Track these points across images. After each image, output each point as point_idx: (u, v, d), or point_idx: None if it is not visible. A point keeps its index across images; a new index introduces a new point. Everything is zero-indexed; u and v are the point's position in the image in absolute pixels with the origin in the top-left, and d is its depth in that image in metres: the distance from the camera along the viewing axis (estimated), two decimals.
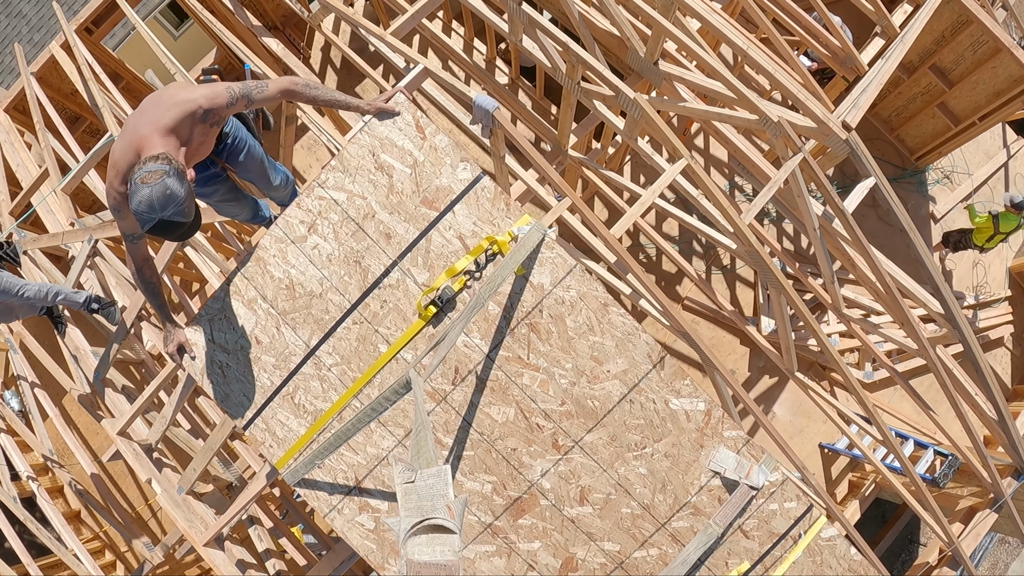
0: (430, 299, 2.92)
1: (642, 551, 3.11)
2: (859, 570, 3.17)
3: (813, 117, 4.29)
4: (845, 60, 5.98)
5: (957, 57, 6.82)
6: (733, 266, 8.01)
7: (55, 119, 6.11)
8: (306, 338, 3.03)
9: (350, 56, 5.83)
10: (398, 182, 2.92)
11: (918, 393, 5.33)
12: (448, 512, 1.97)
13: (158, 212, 2.21)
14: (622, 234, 4.33)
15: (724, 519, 3.02)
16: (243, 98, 2.61)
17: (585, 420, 3.01)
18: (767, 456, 3.03)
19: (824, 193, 4.32)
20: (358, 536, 3.16)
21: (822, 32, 5.87)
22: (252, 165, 3.26)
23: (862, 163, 4.40)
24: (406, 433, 3.07)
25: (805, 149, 4.23)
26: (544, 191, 4.60)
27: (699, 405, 2.99)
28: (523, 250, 2.78)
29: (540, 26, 4.45)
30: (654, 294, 4.13)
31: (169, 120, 2.41)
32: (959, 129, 7.61)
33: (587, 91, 4.71)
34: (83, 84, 6.08)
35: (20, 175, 6.16)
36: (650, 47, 4.53)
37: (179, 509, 4.21)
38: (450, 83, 4.87)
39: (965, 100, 7.27)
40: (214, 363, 3.11)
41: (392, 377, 3.01)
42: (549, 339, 2.96)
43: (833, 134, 4.28)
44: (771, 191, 4.19)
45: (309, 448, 3.10)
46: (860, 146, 4.35)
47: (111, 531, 7.54)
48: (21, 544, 5.90)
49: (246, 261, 3.04)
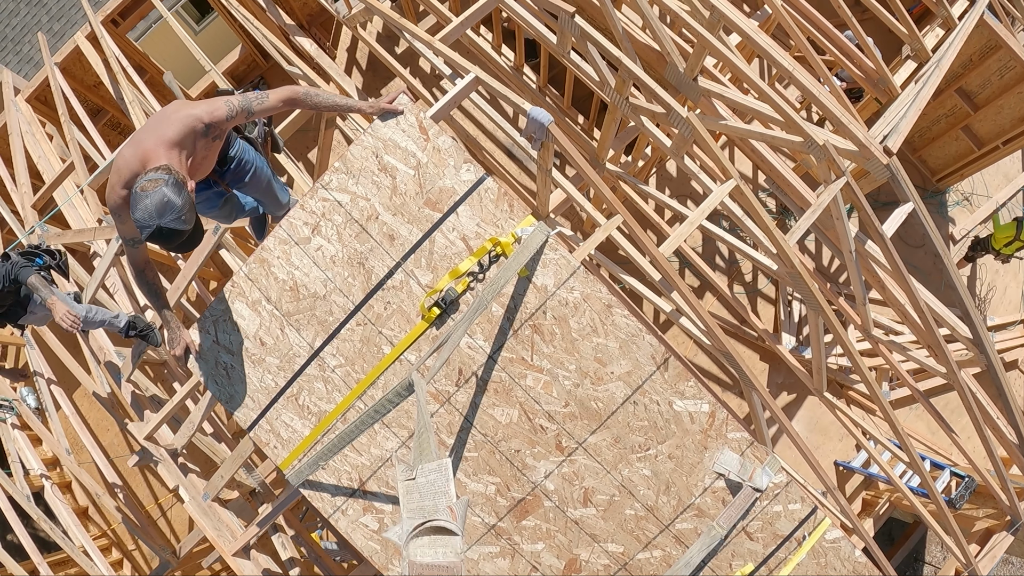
0: (434, 300, 2.92)
1: (646, 553, 3.11)
2: (863, 572, 3.16)
3: (855, 141, 4.28)
4: (878, 82, 5.98)
5: (984, 81, 6.86)
6: (755, 283, 8.07)
7: (79, 111, 6.05)
8: (310, 339, 3.04)
9: (388, 61, 5.78)
10: (401, 183, 2.93)
11: (941, 415, 5.34)
12: (450, 513, 1.97)
13: (156, 219, 2.29)
14: (670, 253, 4.32)
15: (728, 521, 3.01)
16: (243, 111, 2.67)
17: (589, 421, 3.01)
18: (771, 458, 3.02)
19: (864, 218, 4.32)
20: (362, 537, 3.16)
21: (856, 52, 5.88)
22: (258, 185, 3.29)
23: (901, 188, 4.41)
24: (410, 434, 3.07)
25: (848, 173, 4.23)
26: (590, 206, 4.55)
27: (703, 407, 2.98)
28: (526, 251, 2.79)
29: (593, 40, 4.37)
30: (699, 314, 4.11)
31: (173, 134, 2.51)
32: (982, 152, 7.60)
33: (635, 107, 4.68)
34: (109, 77, 6.04)
35: (42, 167, 6.08)
36: (691, 63, 4.49)
37: (207, 517, 4.20)
38: (503, 93, 4.72)
39: (989, 124, 7.28)
40: (219, 364, 3.13)
41: (396, 378, 3.02)
42: (553, 340, 2.95)
43: (875, 158, 4.28)
44: (815, 214, 4.18)
45: (313, 449, 3.11)
46: (900, 171, 4.35)
47: (119, 528, 7.55)
48: (31, 541, 5.90)
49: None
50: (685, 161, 4.77)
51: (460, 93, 3.17)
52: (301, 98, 2.78)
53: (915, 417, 7.63)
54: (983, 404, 4.96)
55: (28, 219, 5.82)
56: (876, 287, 4.94)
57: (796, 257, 4.24)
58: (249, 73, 8.75)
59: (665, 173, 8.16)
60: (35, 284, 3.87)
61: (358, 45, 7.88)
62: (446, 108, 3.14)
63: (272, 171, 3.40)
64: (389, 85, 8.18)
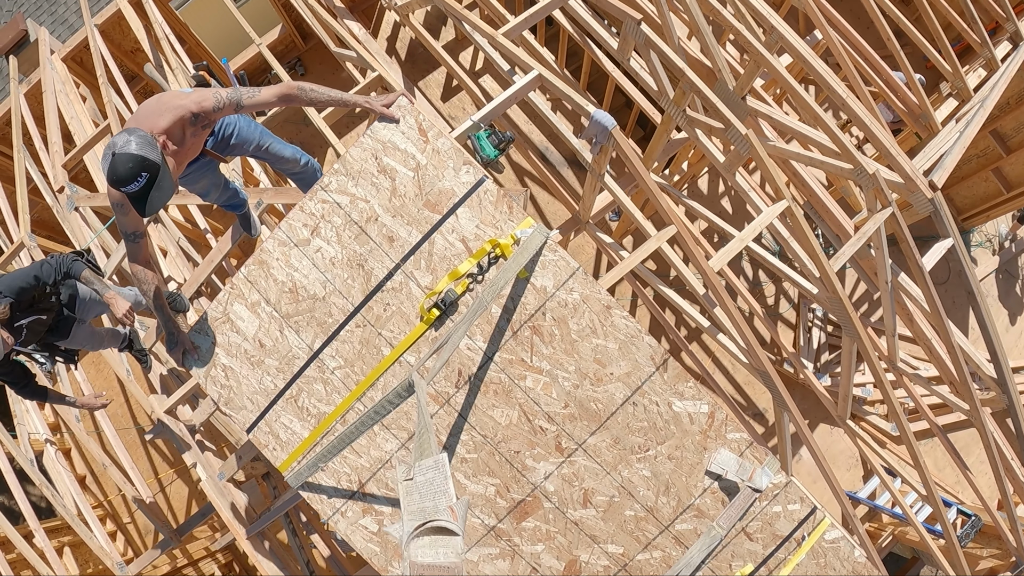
0: (433, 302, 2.93)
1: (645, 554, 3.11)
2: (863, 572, 3.16)
3: (902, 173, 4.33)
4: (920, 117, 6.04)
5: (1019, 125, 6.90)
6: (776, 307, 8.06)
7: (116, 75, 5.97)
8: (309, 341, 3.04)
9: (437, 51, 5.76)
10: (401, 185, 2.93)
11: (957, 451, 5.38)
12: (451, 514, 1.97)
13: (111, 150, 2.43)
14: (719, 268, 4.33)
15: (728, 521, 3.01)
16: (231, 104, 2.74)
17: (588, 422, 3.01)
18: (770, 458, 3.02)
19: (906, 249, 4.36)
20: (362, 539, 3.16)
21: (900, 86, 5.93)
22: (247, 146, 3.35)
23: (943, 224, 4.46)
24: (409, 436, 3.07)
25: (894, 203, 4.26)
26: (640, 215, 4.55)
27: (702, 407, 2.99)
28: (526, 253, 2.79)
29: (657, 48, 4.34)
30: (741, 331, 4.11)
31: (164, 124, 2.63)
32: (1011, 195, 7.61)
33: (692, 119, 4.69)
34: (151, 43, 5.97)
35: (73, 127, 5.96)
36: (742, 81, 4.48)
37: (222, 498, 4.17)
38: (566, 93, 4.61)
39: (1021, 168, 7.29)
40: (218, 366, 3.12)
41: (395, 380, 3.02)
42: (552, 342, 2.96)
43: (919, 191, 4.34)
44: (860, 242, 4.23)
45: (313, 451, 3.11)
46: (943, 206, 4.41)
47: (115, 501, 7.49)
48: (29, 507, 5.78)
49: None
50: (737, 178, 4.80)
51: (522, 89, 3.16)
52: (297, 94, 2.80)
53: (924, 453, 7.66)
54: (1000, 444, 5.01)
55: (58, 179, 5.64)
56: (904, 320, 4.98)
57: (837, 282, 4.26)
58: (286, 54, 8.69)
59: (696, 190, 8.18)
60: (90, 278, 3.54)
61: (399, 35, 7.85)
62: (508, 103, 3.11)
63: (264, 130, 3.45)
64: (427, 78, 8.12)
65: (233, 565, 7.53)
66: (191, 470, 7.13)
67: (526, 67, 4.13)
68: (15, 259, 5.91)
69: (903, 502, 5.73)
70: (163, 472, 7.58)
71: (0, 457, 5.92)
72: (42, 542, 5.65)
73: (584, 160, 4.58)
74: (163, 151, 2.55)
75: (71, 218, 5.24)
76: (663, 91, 4.67)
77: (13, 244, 5.83)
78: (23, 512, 5.76)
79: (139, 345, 4.59)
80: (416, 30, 6.03)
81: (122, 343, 4.48)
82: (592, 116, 3.62)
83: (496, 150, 7.16)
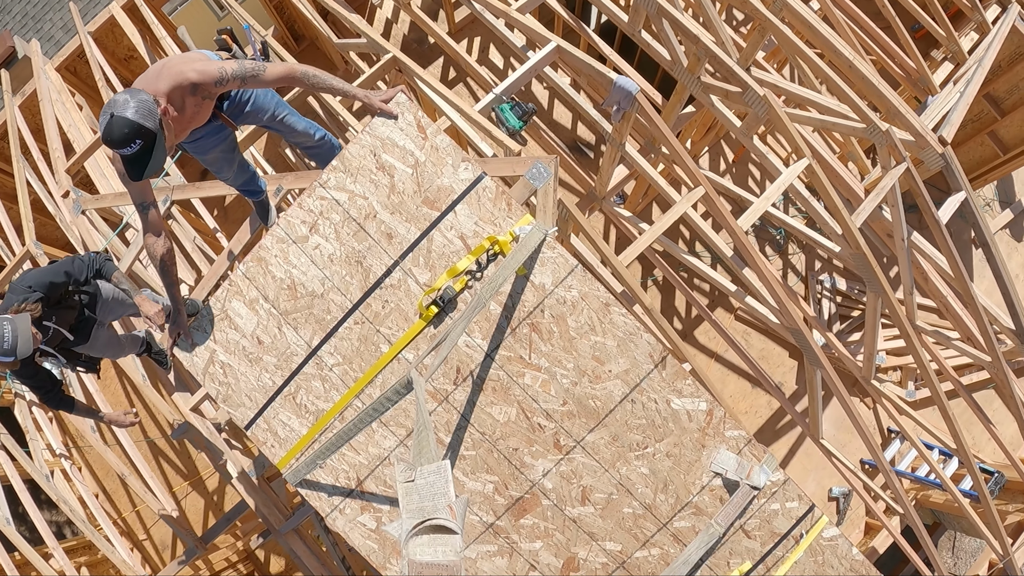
0: (431, 299, 2.92)
1: (644, 551, 3.11)
2: (861, 570, 3.17)
3: (912, 130, 4.45)
4: (918, 81, 6.21)
5: (1012, 87, 6.95)
6: (784, 279, 8.11)
7: (114, 81, 5.95)
8: (308, 338, 3.03)
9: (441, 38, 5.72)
10: (399, 182, 2.92)
11: (979, 406, 5.45)
12: (450, 512, 1.97)
13: (109, 110, 2.38)
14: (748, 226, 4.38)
15: (726, 519, 3.01)
16: (236, 79, 2.69)
17: (587, 420, 3.01)
18: (769, 456, 3.03)
19: (922, 203, 4.46)
20: (360, 536, 3.16)
21: (898, 52, 6.07)
22: (261, 114, 3.28)
23: (955, 177, 4.58)
24: (408, 433, 3.07)
25: (908, 158, 4.35)
26: (663, 181, 4.56)
27: (701, 405, 2.99)
28: (524, 250, 2.78)
29: (671, 17, 4.38)
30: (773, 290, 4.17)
31: (163, 87, 2.59)
32: (1007, 158, 7.67)
33: (706, 86, 4.75)
34: (147, 47, 5.95)
35: (72, 135, 5.95)
36: (746, 52, 4.55)
37: (256, 494, 4.14)
38: (586, 62, 4.63)
39: (1016, 129, 7.36)
40: (216, 363, 3.12)
41: (394, 377, 3.01)
42: (551, 339, 2.95)
43: (930, 147, 4.47)
44: (879, 196, 4.33)
45: (311, 448, 3.10)
46: (954, 160, 4.53)
47: (129, 518, 7.45)
48: (46, 525, 5.71)
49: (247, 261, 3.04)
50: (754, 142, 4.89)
51: (542, 61, 3.16)
52: (299, 77, 2.79)
53: (937, 418, 7.71)
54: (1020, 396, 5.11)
55: (62, 183, 5.60)
56: (918, 278, 5.07)
57: (860, 237, 4.34)
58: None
59: (699, 165, 8.22)
60: (120, 278, 3.41)
61: (391, 32, 7.84)
62: (528, 74, 3.10)
63: (281, 100, 3.38)
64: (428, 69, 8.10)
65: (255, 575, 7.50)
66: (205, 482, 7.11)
67: (543, 40, 4.14)
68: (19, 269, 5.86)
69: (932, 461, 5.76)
70: (177, 485, 7.55)
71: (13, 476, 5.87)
72: (61, 561, 5.58)
73: (604, 132, 4.61)
74: (163, 116, 2.50)
75: (79, 222, 5.19)
76: (676, 60, 4.71)
77: (17, 255, 5.76)
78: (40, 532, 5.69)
79: (157, 347, 4.45)
80: (417, 16, 6.02)
81: (140, 347, 4.35)
82: (615, 82, 3.63)
83: (520, 121, 7.20)
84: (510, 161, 3.15)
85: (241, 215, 8.11)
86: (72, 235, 5.38)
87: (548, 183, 3.03)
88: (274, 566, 7.51)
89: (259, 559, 7.49)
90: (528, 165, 3.10)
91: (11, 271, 5.82)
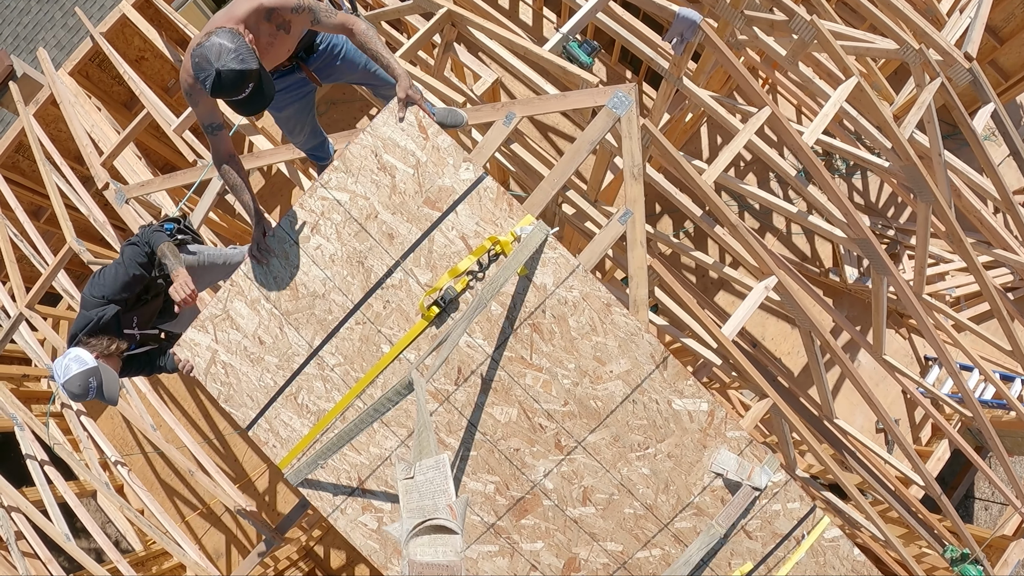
0: (433, 299, 2.92)
1: (645, 551, 3.11)
2: (862, 571, 3.16)
3: (940, 49, 4.71)
4: (926, 10, 6.36)
5: (1007, 15, 7.12)
6: None
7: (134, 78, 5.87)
8: (309, 338, 3.04)
9: None
10: (401, 182, 2.92)
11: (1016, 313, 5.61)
12: (450, 512, 1.97)
13: (213, 64, 2.36)
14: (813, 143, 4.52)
15: (727, 520, 3.01)
16: (309, 12, 2.72)
17: (588, 420, 3.01)
18: (770, 457, 3.02)
19: (957, 116, 4.69)
20: (361, 536, 3.16)
21: None
22: (354, 67, 3.28)
23: (983, 90, 4.85)
24: (409, 433, 3.07)
25: (943, 74, 4.62)
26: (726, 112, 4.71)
27: (702, 405, 2.98)
28: (526, 250, 2.79)
29: None
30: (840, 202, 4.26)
31: (240, 12, 2.58)
32: (1009, 84, 7.85)
33: (751, 19, 4.89)
34: (164, 41, 5.95)
35: (96, 135, 5.85)
36: None
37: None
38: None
39: (1014, 56, 7.53)
40: (217, 363, 3.12)
41: (395, 377, 3.02)
42: (552, 339, 2.96)
43: (957, 64, 4.74)
44: (921, 109, 4.57)
45: (312, 448, 3.11)
46: (981, 74, 4.79)
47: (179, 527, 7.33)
48: (107, 540, 5.56)
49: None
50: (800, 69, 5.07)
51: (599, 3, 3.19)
52: (357, 31, 2.83)
53: (971, 341, 7.71)
54: None
55: (100, 177, 5.48)
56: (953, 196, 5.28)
57: (910, 148, 4.50)
58: None
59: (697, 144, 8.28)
60: (165, 251, 3.10)
61: None
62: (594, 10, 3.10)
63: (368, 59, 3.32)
64: None
65: (316, 572, 7.45)
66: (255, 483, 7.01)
67: None
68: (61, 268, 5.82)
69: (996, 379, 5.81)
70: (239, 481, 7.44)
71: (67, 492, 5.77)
72: (127, 572, 5.48)
73: (661, 69, 4.71)
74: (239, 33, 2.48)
75: (124, 212, 5.16)
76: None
77: (58, 256, 5.68)
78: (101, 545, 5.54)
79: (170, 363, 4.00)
80: None
81: None
82: (677, 13, 3.71)
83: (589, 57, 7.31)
84: (591, 92, 3.16)
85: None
86: (106, 232, 5.48)
87: (631, 110, 3.06)
88: (335, 560, 7.47)
89: (319, 556, 7.45)
90: (609, 94, 3.10)
91: (54, 271, 5.76)
